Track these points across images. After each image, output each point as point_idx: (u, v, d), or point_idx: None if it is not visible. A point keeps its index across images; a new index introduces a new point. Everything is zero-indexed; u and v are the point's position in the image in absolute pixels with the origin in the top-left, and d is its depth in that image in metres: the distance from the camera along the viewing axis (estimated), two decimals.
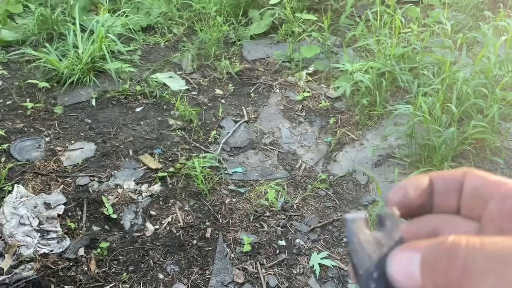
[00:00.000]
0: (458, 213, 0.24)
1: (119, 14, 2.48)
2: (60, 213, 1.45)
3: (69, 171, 1.61)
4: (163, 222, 1.44)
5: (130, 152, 1.71)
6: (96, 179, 1.59)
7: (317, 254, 1.35)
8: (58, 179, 1.58)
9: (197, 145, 1.76)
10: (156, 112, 1.94)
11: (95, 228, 1.42)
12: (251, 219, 1.46)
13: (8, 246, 1.33)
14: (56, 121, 1.86)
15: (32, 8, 2.46)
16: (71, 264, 1.31)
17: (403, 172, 1.60)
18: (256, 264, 1.32)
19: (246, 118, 1.92)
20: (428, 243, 0.20)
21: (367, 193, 1.56)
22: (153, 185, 1.57)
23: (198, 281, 1.27)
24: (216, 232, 1.41)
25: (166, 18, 2.60)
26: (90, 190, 1.54)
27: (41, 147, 1.72)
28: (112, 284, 1.26)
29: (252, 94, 2.06)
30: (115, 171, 1.62)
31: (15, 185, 1.51)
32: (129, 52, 2.31)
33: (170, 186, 1.57)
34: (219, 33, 2.36)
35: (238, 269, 1.30)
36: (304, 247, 1.38)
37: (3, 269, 1.27)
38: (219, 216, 1.46)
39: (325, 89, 2.08)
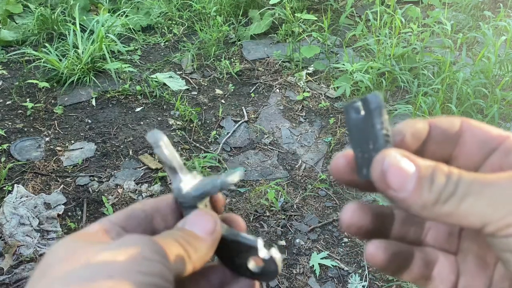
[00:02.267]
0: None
1: (119, 14, 2.48)
2: (60, 213, 1.45)
3: (69, 171, 1.61)
4: None
5: (130, 152, 1.71)
6: (96, 179, 1.59)
7: (317, 254, 1.35)
8: (58, 179, 1.58)
9: (197, 145, 1.76)
10: (156, 112, 1.94)
11: None
12: (251, 219, 1.46)
13: (8, 246, 1.33)
14: (56, 121, 1.86)
15: (32, 8, 2.46)
16: None
17: None
18: None
19: (246, 118, 1.92)
20: (425, 162, 0.20)
21: (367, 193, 1.56)
22: (153, 185, 1.57)
23: None
24: None
25: (166, 18, 2.60)
26: (90, 190, 1.54)
27: (41, 147, 1.72)
28: None
29: (252, 94, 2.06)
30: (115, 171, 1.62)
31: (15, 185, 1.51)
32: (129, 52, 2.31)
33: (170, 186, 1.57)
34: (219, 33, 2.36)
35: None
36: (304, 247, 1.38)
37: (3, 269, 1.27)
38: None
39: (325, 89, 2.08)
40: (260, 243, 0.25)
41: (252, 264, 0.26)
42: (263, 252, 0.25)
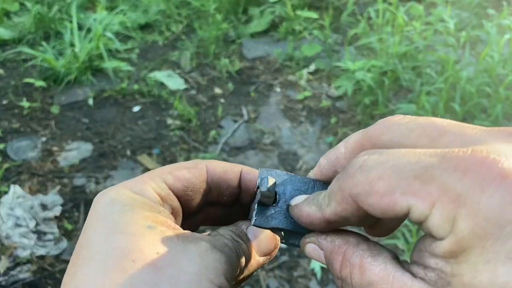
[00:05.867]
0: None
1: (116, 12, 2.46)
2: (57, 214, 1.43)
3: (66, 172, 1.59)
4: None
5: (128, 152, 1.69)
6: (93, 179, 1.57)
7: None
8: (55, 180, 1.56)
9: (196, 145, 1.73)
10: (154, 111, 1.91)
11: None
12: None
13: (4, 248, 1.31)
14: (52, 121, 1.83)
15: (28, 6, 2.43)
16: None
17: None
18: None
19: (246, 118, 1.89)
20: (327, 249, 0.21)
21: None
22: None
23: None
24: None
25: (164, 16, 2.57)
26: (87, 191, 1.52)
27: (37, 147, 1.70)
28: None
29: (252, 94, 2.04)
30: (113, 172, 1.60)
31: (11, 186, 1.48)
32: (126, 51, 2.28)
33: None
34: (219, 31, 2.34)
35: None
36: None
37: (0, 271, 1.25)
38: None
39: (326, 88, 2.06)
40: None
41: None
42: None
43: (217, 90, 2.06)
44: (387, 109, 1.84)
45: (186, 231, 0.21)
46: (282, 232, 0.24)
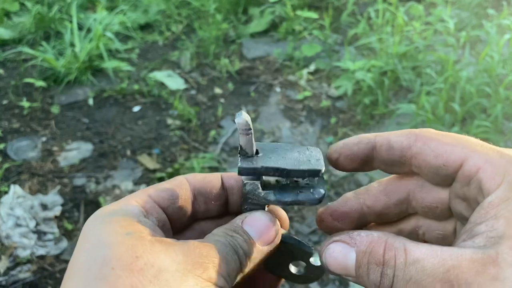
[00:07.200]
0: (408, 181, 0.24)
1: (117, 12, 2.46)
2: (58, 214, 1.43)
3: (66, 172, 1.59)
4: None
5: (128, 152, 1.69)
6: (93, 179, 1.57)
7: None
8: (55, 180, 1.56)
9: (196, 145, 1.74)
10: (154, 111, 1.91)
11: None
12: None
13: (4, 248, 1.32)
14: (53, 121, 1.83)
15: (28, 6, 2.43)
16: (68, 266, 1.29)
17: None
18: None
19: None
20: (362, 242, 0.21)
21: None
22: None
23: None
24: None
25: (164, 16, 2.57)
26: (87, 191, 1.52)
27: (37, 147, 1.70)
28: None
29: (252, 93, 2.04)
30: (113, 172, 1.60)
31: (12, 186, 1.49)
32: (127, 51, 2.28)
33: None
34: (219, 31, 2.34)
35: None
36: None
37: (0, 270, 1.25)
38: None
39: (326, 88, 2.06)
40: (315, 251, 0.25)
41: (293, 268, 0.26)
42: (316, 260, 0.25)
43: (217, 90, 2.06)
44: (387, 109, 1.85)
45: (169, 239, 0.21)
46: (273, 193, 0.24)
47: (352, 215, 0.25)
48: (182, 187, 0.24)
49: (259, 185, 0.24)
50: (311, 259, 0.25)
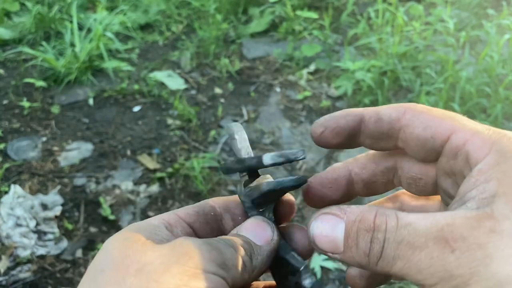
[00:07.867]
0: (395, 155, 0.24)
1: (117, 12, 2.46)
2: (58, 214, 1.43)
3: (66, 172, 1.59)
4: None
5: (128, 152, 1.69)
6: (93, 179, 1.57)
7: (319, 255, 1.33)
8: (55, 180, 1.56)
9: (196, 145, 1.74)
10: (155, 111, 1.92)
11: (92, 229, 1.40)
12: None
13: (4, 247, 1.32)
14: (53, 121, 1.84)
15: (29, 6, 2.43)
16: (68, 265, 1.29)
17: None
18: None
19: (246, 118, 1.89)
20: (353, 212, 0.20)
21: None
22: (152, 185, 1.55)
23: None
24: None
25: (164, 16, 2.58)
26: (87, 191, 1.52)
27: (38, 147, 1.70)
28: None
29: (252, 93, 2.04)
30: (113, 172, 1.60)
31: (12, 185, 1.49)
32: (127, 51, 2.28)
33: (169, 186, 1.55)
34: (219, 31, 2.34)
35: None
36: None
37: (0, 270, 1.25)
38: None
39: (326, 88, 2.06)
40: (305, 270, 0.24)
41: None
42: (305, 280, 0.24)
43: (217, 90, 2.06)
44: None
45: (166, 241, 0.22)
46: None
47: (340, 182, 0.25)
48: (207, 205, 0.25)
49: (244, 176, 0.25)
50: (302, 281, 0.24)
